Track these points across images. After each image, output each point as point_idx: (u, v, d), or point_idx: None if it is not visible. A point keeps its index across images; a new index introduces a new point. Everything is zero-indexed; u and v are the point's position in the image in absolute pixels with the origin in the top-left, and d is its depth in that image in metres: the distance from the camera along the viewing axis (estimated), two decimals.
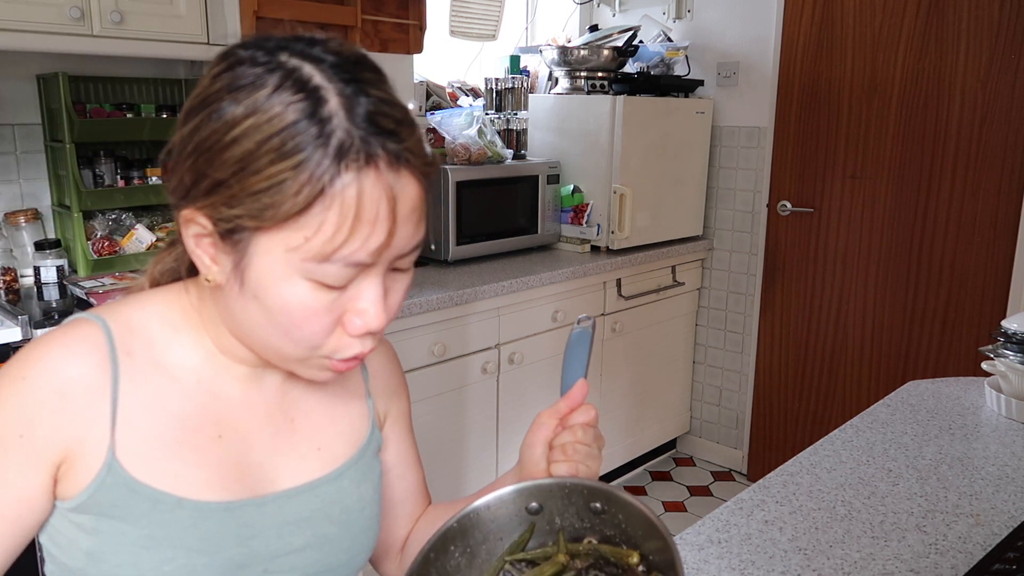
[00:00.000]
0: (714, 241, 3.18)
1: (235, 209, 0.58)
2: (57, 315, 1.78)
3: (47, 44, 1.94)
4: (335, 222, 0.56)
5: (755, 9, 2.92)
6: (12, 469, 0.62)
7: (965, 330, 2.63)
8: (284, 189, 0.55)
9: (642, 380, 3.02)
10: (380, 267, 0.61)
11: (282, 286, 0.59)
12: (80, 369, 0.63)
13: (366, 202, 0.56)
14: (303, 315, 0.60)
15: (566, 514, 0.71)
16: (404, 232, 0.60)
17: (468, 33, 3.14)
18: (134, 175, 2.27)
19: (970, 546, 0.95)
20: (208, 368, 0.69)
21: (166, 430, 0.66)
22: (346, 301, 0.61)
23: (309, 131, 0.55)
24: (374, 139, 0.57)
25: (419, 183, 0.60)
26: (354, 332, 0.62)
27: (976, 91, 2.50)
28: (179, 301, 0.70)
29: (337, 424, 0.77)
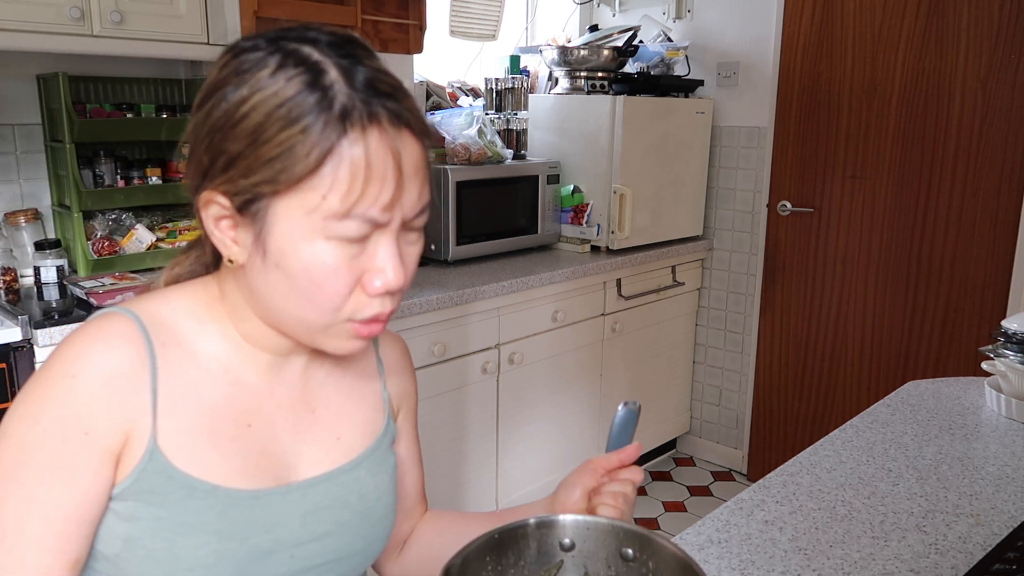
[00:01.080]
0: (714, 241, 3.18)
1: (251, 178, 0.61)
2: (57, 315, 1.78)
3: (47, 44, 1.94)
4: (347, 179, 0.60)
5: (755, 9, 2.92)
6: (85, 468, 0.63)
7: (965, 330, 2.63)
8: (295, 152, 0.59)
9: (642, 380, 3.02)
10: (393, 226, 0.64)
11: (303, 248, 0.62)
12: (123, 360, 0.65)
13: (373, 158, 0.60)
14: (324, 275, 0.63)
15: (596, 558, 0.72)
16: (411, 189, 0.63)
17: (468, 33, 3.14)
18: (134, 175, 2.27)
19: (970, 546, 0.95)
20: (234, 357, 0.71)
21: (200, 419, 0.68)
22: (364, 262, 0.64)
23: (312, 97, 0.60)
24: (374, 100, 0.61)
25: (420, 144, 0.64)
26: (373, 292, 0.65)
27: (976, 91, 2.50)
28: (203, 294, 0.72)
29: (355, 415, 0.80)
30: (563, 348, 2.63)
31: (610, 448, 0.81)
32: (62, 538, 0.63)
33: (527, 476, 2.62)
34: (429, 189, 0.67)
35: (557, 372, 2.63)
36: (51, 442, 0.62)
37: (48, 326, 1.72)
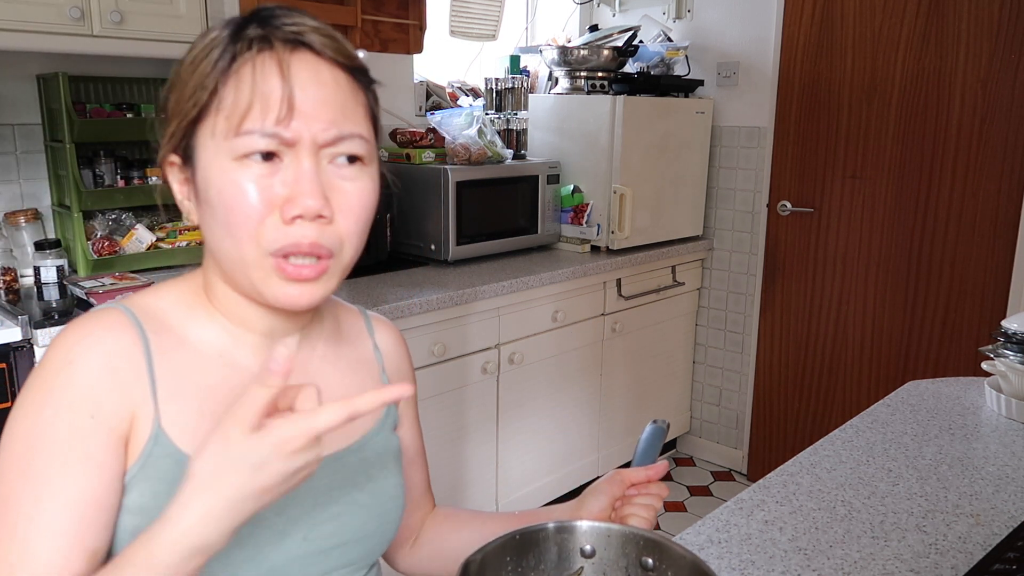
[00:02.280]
0: (714, 241, 3.18)
1: (179, 118, 0.67)
2: (57, 315, 1.78)
3: (47, 44, 1.94)
4: (235, 94, 0.63)
5: (755, 9, 2.92)
6: (97, 451, 0.63)
7: (965, 330, 2.63)
8: (204, 83, 0.65)
9: (642, 380, 3.02)
10: (304, 149, 0.64)
11: (217, 173, 0.64)
12: (119, 345, 0.66)
13: (259, 74, 0.63)
14: (234, 196, 0.63)
15: (616, 566, 0.72)
16: (316, 110, 0.64)
17: (468, 33, 3.14)
18: (134, 175, 2.27)
19: (970, 546, 0.95)
20: (226, 341, 0.72)
21: (199, 402, 0.68)
22: (278, 188, 0.64)
23: (223, 36, 0.66)
24: (274, 30, 0.65)
25: (330, 65, 0.66)
26: (287, 215, 0.63)
27: (976, 91, 2.50)
28: (189, 285, 0.74)
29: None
30: (563, 348, 2.63)
31: (636, 463, 0.83)
32: (80, 525, 0.62)
33: (527, 476, 2.62)
34: (360, 121, 0.67)
35: (557, 372, 2.63)
36: (59, 429, 0.62)
37: (48, 326, 1.72)
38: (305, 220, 0.64)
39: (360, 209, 0.67)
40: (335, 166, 0.66)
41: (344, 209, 0.66)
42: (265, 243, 0.64)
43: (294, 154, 0.64)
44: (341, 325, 0.84)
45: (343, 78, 0.67)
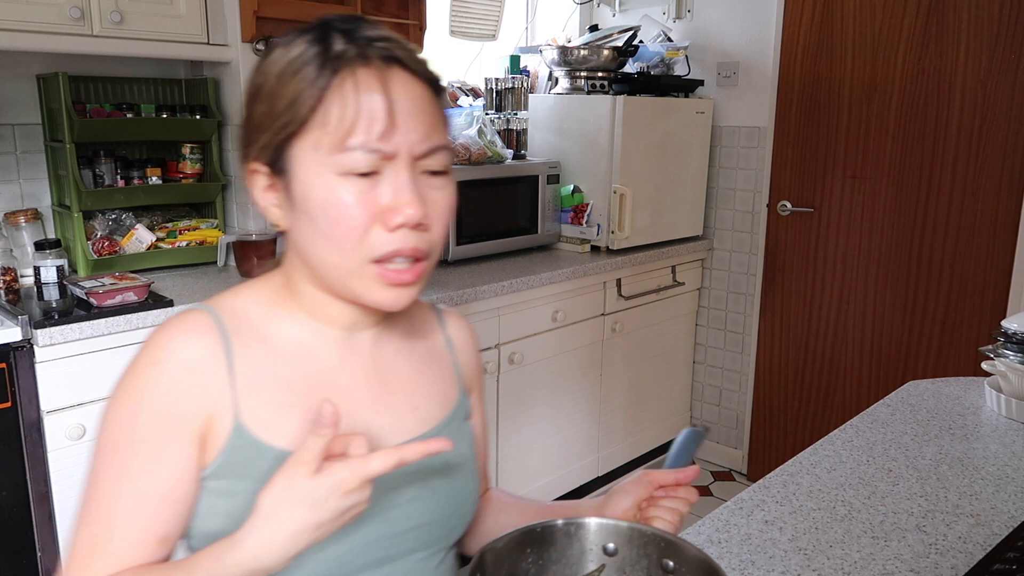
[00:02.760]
0: (714, 241, 3.18)
1: (271, 131, 0.69)
2: (57, 315, 1.78)
3: (47, 44, 1.94)
4: (339, 111, 0.66)
5: (755, 9, 2.92)
6: (170, 448, 0.69)
7: (965, 330, 2.63)
8: (300, 98, 0.67)
9: (642, 380, 3.02)
10: (402, 160, 0.68)
11: (318, 186, 0.68)
12: (200, 346, 0.71)
13: (362, 91, 0.66)
14: (338, 210, 0.67)
15: (637, 567, 0.73)
16: (411, 124, 0.68)
17: (468, 33, 3.14)
18: (134, 175, 2.27)
19: (970, 546, 0.95)
20: (305, 336, 0.77)
21: (279, 395, 0.73)
22: (379, 198, 0.68)
23: (313, 52, 0.67)
24: (368, 48, 0.68)
25: (419, 83, 0.69)
26: (391, 224, 0.68)
27: (976, 91, 2.50)
28: (268, 286, 0.79)
29: (429, 388, 0.84)
30: (563, 348, 2.63)
31: (668, 464, 0.83)
32: (151, 514, 0.69)
33: (527, 476, 2.62)
34: (443, 134, 0.72)
35: (557, 372, 2.63)
36: (140, 424, 0.69)
37: (48, 326, 1.72)
38: (407, 228, 0.69)
39: (447, 216, 0.73)
40: (425, 177, 0.70)
41: (435, 216, 0.71)
42: (368, 252, 0.69)
43: (393, 167, 0.68)
44: (414, 319, 0.88)
45: (429, 93, 0.70)
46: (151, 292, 1.97)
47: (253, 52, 0.78)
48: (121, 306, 1.86)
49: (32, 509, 1.79)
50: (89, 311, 1.82)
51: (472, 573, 0.65)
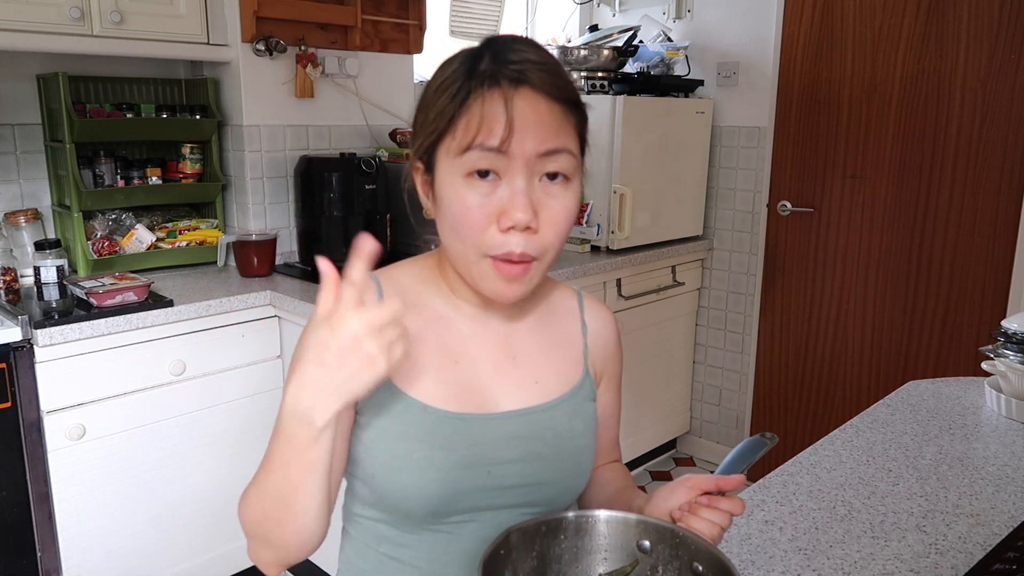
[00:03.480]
0: (714, 241, 3.18)
1: (424, 139, 0.81)
2: (57, 315, 1.78)
3: (47, 44, 1.94)
4: (467, 121, 0.77)
5: (755, 9, 2.92)
6: None
7: (965, 330, 2.63)
8: (444, 111, 0.78)
9: (642, 380, 3.02)
10: (519, 166, 0.77)
11: (450, 188, 0.79)
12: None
13: (487, 106, 0.76)
14: (463, 209, 0.78)
15: (669, 568, 0.75)
16: (529, 131, 0.76)
17: (468, 33, 3.14)
18: (134, 175, 2.27)
19: (970, 546, 0.95)
20: (447, 308, 0.89)
21: (416, 353, 0.85)
22: (497, 203, 0.77)
23: (464, 70, 0.79)
24: (504, 69, 0.77)
25: (546, 100, 0.78)
26: (503, 225, 0.77)
27: (976, 91, 2.50)
28: (427, 262, 0.93)
29: (553, 365, 0.93)
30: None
31: (721, 470, 0.83)
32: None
33: None
34: (569, 138, 0.80)
35: None
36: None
37: (48, 326, 1.72)
38: (516, 231, 0.78)
39: (563, 221, 0.81)
40: (543, 184, 0.79)
41: (549, 222, 0.79)
42: (485, 247, 0.79)
43: (510, 171, 0.77)
44: (554, 303, 0.97)
45: (557, 107, 0.79)
46: (151, 292, 1.97)
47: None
48: (121, 306, 1.86)
49: (32, 509, 1.79)
50: (89, 311, 1.82)
51: (494, 548, 0.69)
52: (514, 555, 0.72)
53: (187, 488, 2.04)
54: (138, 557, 1.98)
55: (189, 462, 2.04)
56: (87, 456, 1.85)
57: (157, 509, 2.00)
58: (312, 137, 2.53)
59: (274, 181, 2.45)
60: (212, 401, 2.05)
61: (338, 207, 2.31)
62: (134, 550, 1.97)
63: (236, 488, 1.36)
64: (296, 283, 2.21)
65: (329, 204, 2.31)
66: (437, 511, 0.84)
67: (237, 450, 2.11)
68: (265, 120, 2.39)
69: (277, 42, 2.31)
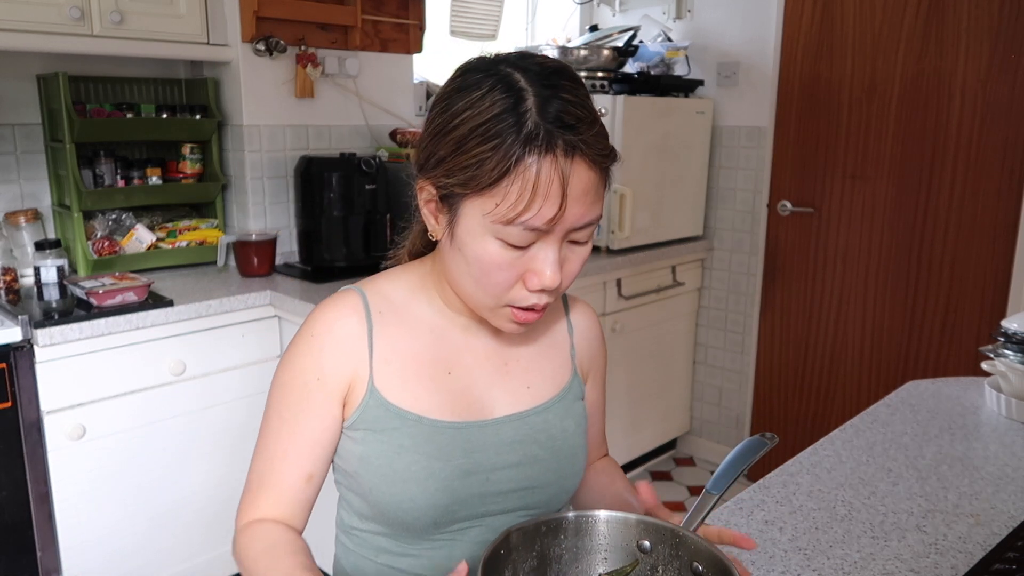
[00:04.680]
0: (714, 241, 3.18)
1: (451, 179, 0.76)
2: (57, 315, 1.78)
3: (47, 44, 1.94)
4: (517, 193, 0.72)
5: (755, 9, 2.92)
6: (320, 404, 0.84)
7: (965, 330, 2.63)
8: (484, 165, 0.73)
9: (642, 380, 3.02)
10: (556, 235, 0.76)
11: (477, 242, 0.76)
12: (347, 322, 0.85)
13: (542, 180, 0.72)
14: (490, 267, 0.77)
15: (669, 568, 0.75)
16: (576, 208, 0.74)
17: (468, 33, 3.14)
18: (134, 175, 2.27)
19: (970, 546, 0.95)
20: (438, 320, 0.89)
21: (409, 366, 0.86)
22: (527, 261, 0.77)
23: (507, 121, 0.72)
24: (556, 131, 0.72)
25: (593, 170, 0.75)
26: (532, 287, 0.78)
27: (976, 91, 2.50)
28: (417, 272, 0.91)
29: (544, 369, 0.94)
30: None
31: (721, 472, 0.82)
32: (301, 455, 0.85)
33: None
34: (600, 205, 0.78)
35: None
36: (295, 385, 0.85)
37: (48, 326, 1.72)
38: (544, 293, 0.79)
39: (577, 268, 0.81)
40: (569, 244, 0.79)
41: (569, 273, 0.80)
42: (507, 299, 0.80)
43: (545, 240, 0.76)
44: None
45: (600, 176, 0.77)
46: (151, 292, 1.97)
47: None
48: (121, 306, 1.86)
49: (32, 509, 1.79)
50: (89, 311, 1.82)
51: (494, 548, 0.69)
52: (514, 555, 0.72)
53: (187, 488, 2.04)
54: (138, 557, 1.98)
55: (189, 462, 2.04)
56: (87, 456, 1.85)
57: (157, 509, 2.00)
58: (312, 137, 2.53)
59: (274, 181, 2.45)
60: (212, 401, 2.05)
61: (338, 207, 2.31)
62: (134, 550, 1.97)
63: (236, 488, 1.37)
64: (296, 283, 2.21)
65: (329, 204, 2.31)
66: (438, 521, 0.85)
67: (237, 450, 2.11)
68: (265, 120, 2.39)
69: (277, 42, 2.31)
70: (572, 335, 0.98)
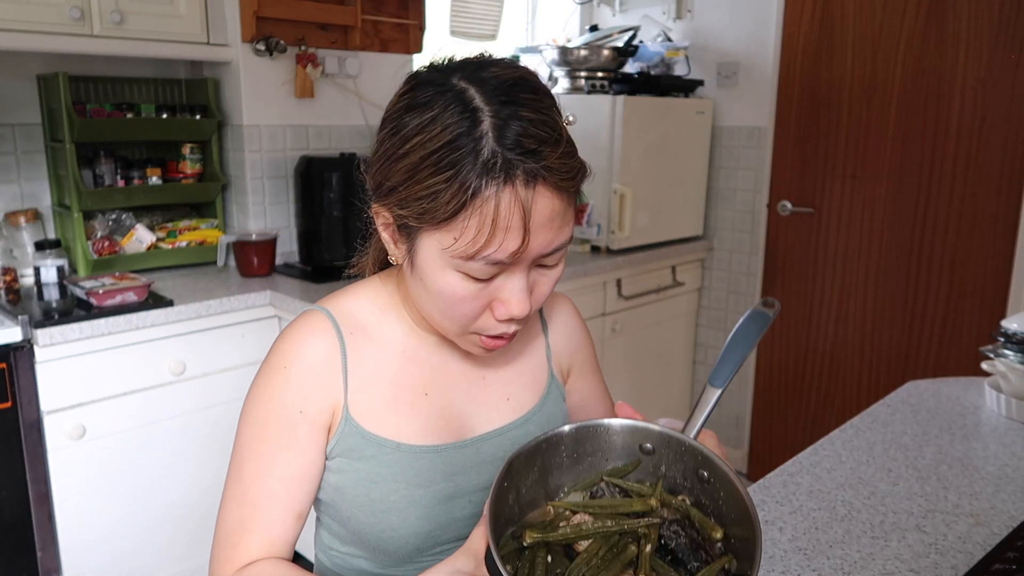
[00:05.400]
0: (714, 241, 3.18)
1: (404, 210, 0.71)
2: (57, 315, 1.78)
3: (47, 44, 1.94)
4: (476, 228, 0.67)
5: (755, 9, 2.92)
6: (305, 437, 0.80)
7: (965, 330, 2.63)
8: (439, 198, 0.67)
9: (642, 380, 3.02)
10: (522, 265, 0.71)
11: (438, 275, 0.72)
12: (320, 348, 0.80)
13: (502, 213, 0.66)
14: (454, 299, 0.73)
15: (674, 467, 0.74)
16: (541, 238, 0.70)
17: (468, 33, 3.14)
18: (134, 175, 2.27)
19: (970, 546, 0.95)
20: (411, 340, 0.85)
21: (384, 391, 0.82)
22: (494, 291, 0.73)
23: (462, 150, 0.66)
24: (515, 159, 0.66)
25: (559, 196, 0.69)
26: (500, 317, 0.74)
27: (976, 91, 2.50)
28: (383, 289, 0.86)
29: (523, 377, 0.91)
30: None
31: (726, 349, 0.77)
32: (289, 493, 0.79)
33: None
34: (570, 227, 0.73)
35: None
36: (276, 420, 0.79)
37: (48, 326, 1.72)
38: (513, 321, 0.75)
39: (548, 291, 0.77)
40: (538, 268, 0.75)
41: (539, 297, 0.76)
42: (475, 328, 0.76)
43: (511, 270, 0.72)
44: None
45: (566, 199, 0.71)
46: (151, 292, 1.97)
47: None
48: (121, 306, 1.86)
49: (32, 509, 1.79)
50: (89, 311, 1.82)
51: (500, 480, 0.65)
52: (516, 478, 0.70)
53: (187, 488, 2.04)
54: (138, 557, 1.98)
55: (189, 462, 2.04)
56: (87, 456, 1.85)
57: (157, 509, 2.00)
58: (312, 137, 2.53)
59: (274, 181, 2.45)
60: (212, 401, 2.05)
61: (338, 207, 2.31)
62: (134, 550, 1.97)
63: None
64: (296, 283, 2.21)
65: (329, 204, 2.31)
66: (421, 547, 0.83)
67: None
68: (265, 120, 2.39)
69: (277, 42, 2.31)
70: (547, 334, 0.95)
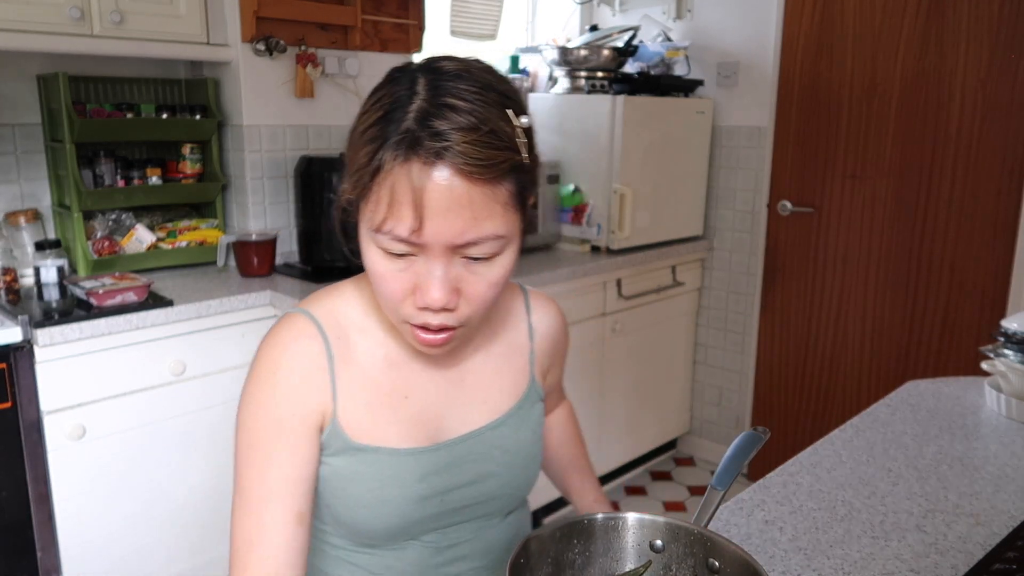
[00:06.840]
0: (714, 241, 3.18)
1: (348, 182, 0.74)
2: (57, 315, 1.78)
3: (47, 44, 1.94)
4: (378, 199, 0.69)
5: (755, 9, 2.92)
6: (300, 441, 0.81)
7: (965, 330, 2.63)
8: (364, 167, 0.70)
9: (642, 380, 3.02)
10: (437, 251, 0.70)
11: (365, 249, 0.75)
12: (310, 354, 0.81)
13: (398, 189, 0.68)
14: (378, 274, 0.74)
15: (683, 565, 0.74)
16: (444, 224, 0.68)
17: (468, 33, 3.14)
18: (134, 175, 2.27)
19: (970, 546, 0.95)
20: (392, 342, 0.85)
21: (368, 394, 0.83)
22: (414, 276, 0.73)
23: (388, 126, 0.68)
24: (423, 137, 0.67)
25: (465, 180, 0.67)
26: (417, 304, 0.74)
27: (976, 91, 2.50)
28: (367, 290, 0.86)
29: (502, 379, 0.91)
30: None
31: (722, 468, 0.83)
32: (288, 495, 0.80)
33: None
34: (500, 222, 0.70)
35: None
36: (271, 427, 0.80)
37: (48, 326, 1.72)
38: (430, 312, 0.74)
39: (486, 294, 0.75)
40: (466, 262, 0.72)
41: (471, 296, 0.74)
42: (402, 315, 0.76)
43: (426, 253, 0.71)
44: (500, 309, 0.93)
45: (481, 188, 0.68)
46: (151, 292, 1.97)
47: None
48: (121, 306, 1.86)
49: (32, 509, 1.79)
50: (89, 311, 1.82)
51: (515, 559, 0.67)
52: (532, 561, 0.71)
53: (187, 488, 2.04)
54: (138, 557, 1.98)
55: (189, 462, 2.04)
56: (87, 456, 1.85)
57: (157, 509, 2.00)
58: (312, 137, 2.53)
59: (274, 181, 2.45)
60: (212, 401, 2.05)
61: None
62: (134, 550, 1.97)
63: None
64: (296, 283, 2.21)
65: (329, 204, 2.31)
66: (394, 536, 0.85)
67: None
68: (265, 120, 2.39)
69: (277, 42, 2.31)
70: (533, 339, 0.95)
